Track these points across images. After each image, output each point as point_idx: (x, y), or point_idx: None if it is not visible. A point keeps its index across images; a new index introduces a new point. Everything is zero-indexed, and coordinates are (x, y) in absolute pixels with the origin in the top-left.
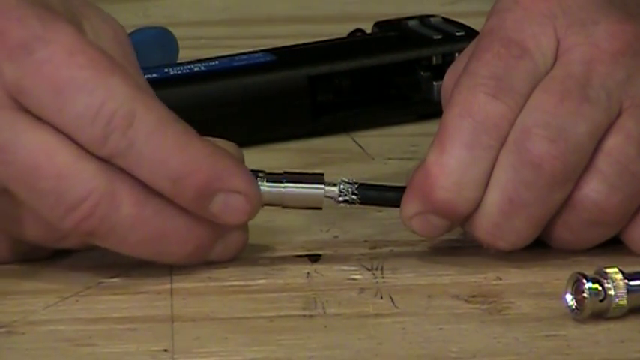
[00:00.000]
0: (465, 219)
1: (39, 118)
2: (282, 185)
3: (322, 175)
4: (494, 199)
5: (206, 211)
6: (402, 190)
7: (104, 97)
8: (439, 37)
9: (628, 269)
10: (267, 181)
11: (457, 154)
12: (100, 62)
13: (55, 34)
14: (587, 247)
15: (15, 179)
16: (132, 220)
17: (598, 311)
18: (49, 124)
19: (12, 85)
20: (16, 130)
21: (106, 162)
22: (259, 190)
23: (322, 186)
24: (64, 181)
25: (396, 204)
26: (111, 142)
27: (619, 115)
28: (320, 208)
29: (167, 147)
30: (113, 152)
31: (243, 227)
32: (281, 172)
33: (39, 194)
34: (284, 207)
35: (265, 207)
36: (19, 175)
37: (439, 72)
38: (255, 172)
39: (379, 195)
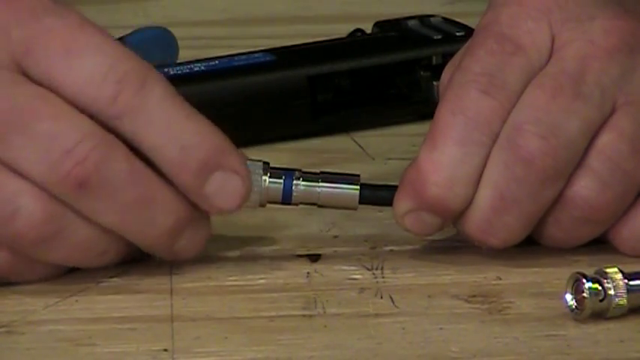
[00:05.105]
0: (457, 216)
1: (40, 84)
2: (318, 185)
3: (359, 176)
4: (485, 195)
5: (201, 191)
6: (395, 188)
7: (117, 57)
8: (439, 37)
9: (628, 269)
10: (303, 180)
11: (449, 151)
12: (109, 37)
13: (66, 12)
14: (576, 245)
15: (12, 125)
16: (125, 175)
17: (598, 311)
18: (49, 89)
19: (18, 46)
20: (15, 84)
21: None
22: (250, 175)
23: (358, 187)
24: (61, 122)
25: (389, 202)
26: (122, 98)
27: (612, 112)
28: (355, 209)
29: (178, 113)
30: (123, 110)
31: (209, 221)
32: (317, 171)
33: (35, 139)
34: (319, 206)
35: (275, 205)
36: (16, 120)
37: (439, 72)
38: (292, 171)
39: (371, 194)
